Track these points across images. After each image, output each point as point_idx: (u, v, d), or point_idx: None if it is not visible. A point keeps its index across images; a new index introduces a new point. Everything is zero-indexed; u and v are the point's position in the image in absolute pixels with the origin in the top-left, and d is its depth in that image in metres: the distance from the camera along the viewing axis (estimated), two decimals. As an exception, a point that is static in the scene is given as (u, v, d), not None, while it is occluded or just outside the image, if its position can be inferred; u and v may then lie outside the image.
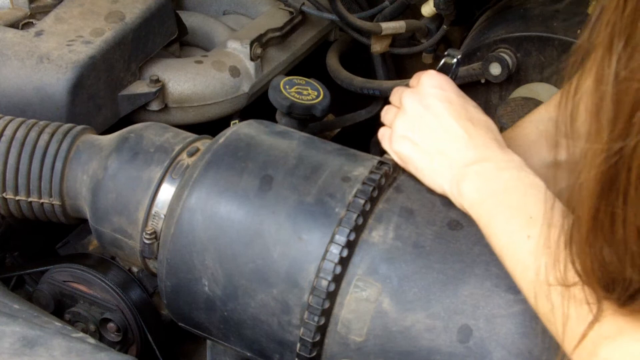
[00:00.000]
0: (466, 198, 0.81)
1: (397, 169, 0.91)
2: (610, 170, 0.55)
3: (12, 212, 1.07)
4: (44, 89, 1.22)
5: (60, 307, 1.17)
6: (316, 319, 0.83)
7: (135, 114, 1.36)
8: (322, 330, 0.84)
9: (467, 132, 0.84)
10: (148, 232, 0.96)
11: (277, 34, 1.55)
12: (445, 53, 0.99)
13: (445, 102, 0.86)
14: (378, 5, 1.65)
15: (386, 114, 0.94)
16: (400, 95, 0.91)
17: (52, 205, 1.05)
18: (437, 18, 1.63)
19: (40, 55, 1.23)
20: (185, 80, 1.40)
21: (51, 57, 1.23)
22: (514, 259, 0.75)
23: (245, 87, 1.47)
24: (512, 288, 0.79)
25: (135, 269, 1.18)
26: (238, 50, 1.48)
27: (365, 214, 0.85)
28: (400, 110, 0.90)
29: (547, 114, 0.95)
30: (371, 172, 0.88)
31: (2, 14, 1.34)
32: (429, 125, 0.86)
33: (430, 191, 0.88)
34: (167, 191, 0.97)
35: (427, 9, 1.60)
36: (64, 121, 1.12)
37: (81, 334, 0.91)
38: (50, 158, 1.04)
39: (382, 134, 0.93)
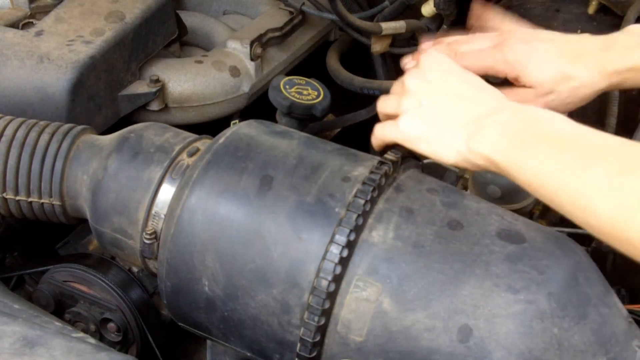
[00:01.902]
0: (489, 149, 0.81)
1: (398, 168, 0.91)
2: None
3: (12, 212, 1.07)
4: (44, 89, 1.22)
5: (60, 307, 1.17)
6: (316, 319, 0.83)
7: (135, 114, 1.36)
8: (322, 330, 0.84)
9: (473, 95, 0.85)
10: (148, 232, 0.96)
11: (277, 34, 1.55)
12: None
13: (447, 73, 0.88)
14: (378, 5, 1.64)
15: (385, 103, 0.94)
16: (402, 80, 0.92)
17: (52, 205, 1.05)
18: (437, 18, 1.63)
19: (40, 55, 1.23)
20: (185, 80, 1.40)
21: (51, 57, 1.23)
22: (577, 194, 0.73)
23: (246, 87, 1.46)
24: (512, 288, 0.79)
25: (135, 269, 1.18)
26: (238, 50, 1.48)
27: (365, 214, 0.85)
28: (403, 93, 0.90)
29: None
30: (371, 172, 0.88)
31: (2, 14, 1.34)
32: (434, 96, 0.87)
33: (431, 191, 0.88)
34: (167, 191, 0.97)
35: (427, 9, 1.60)
36: (64, 121, 1.12)
37: (81, 334, 0.91)
38: (51, 158, 1.04)
39: (382, 126, 0.92)
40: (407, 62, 1.07)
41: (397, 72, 1.79)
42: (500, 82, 0.98)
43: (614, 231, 0.71)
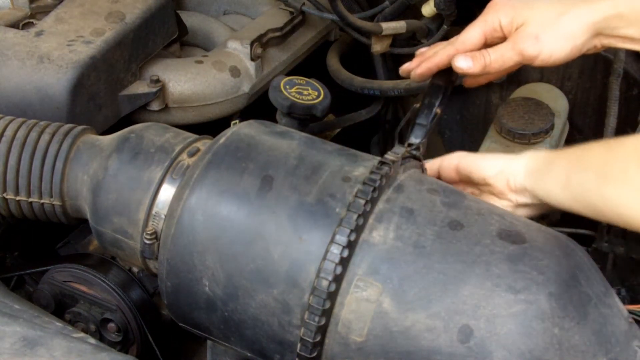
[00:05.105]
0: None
1: (398, 168, 0.91)
2: None
3: (12, 212, 1.07)
4: (45, 89, 1.22)
5: (60, 307, 1.17)
6: (317, 319, 0.83)
7: (136, 114, 1.36)
8: (322, 330, 0.84)
9: None
10: (148, 232, 0.96)
11: (278, 34, 1.55)
12: None
13: None
14: (378, 5, 1.65)
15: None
16: None
17: (53, 205, 1.05)
18: (437, 18, 1.63)
19: (41, 55, 1.23)
20: (186, 80, 1.40)
21: (51, 57, 1.23)
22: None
23: (246, 87, 1.47)
24: (513, 288, 0.79)
25: (135, 269, 1.18)
26: (238, 50, 1.48)
27: (365, 214, 0.85)
28: None
29: None
30: (372, 172, 0.88)
31: (2, 14, 1.34)
32: None
33: (431, 191, 0.88)
34: (167, 191, 0.97)
35: (428, 9, 1.60)
36: (64, 121, 1.12)
37: (82, 334, 0.91)
38: (51, 158, 1.04)
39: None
40: (406, 68, 1.07)
41: (397, 73, 1.80)
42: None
43: None
